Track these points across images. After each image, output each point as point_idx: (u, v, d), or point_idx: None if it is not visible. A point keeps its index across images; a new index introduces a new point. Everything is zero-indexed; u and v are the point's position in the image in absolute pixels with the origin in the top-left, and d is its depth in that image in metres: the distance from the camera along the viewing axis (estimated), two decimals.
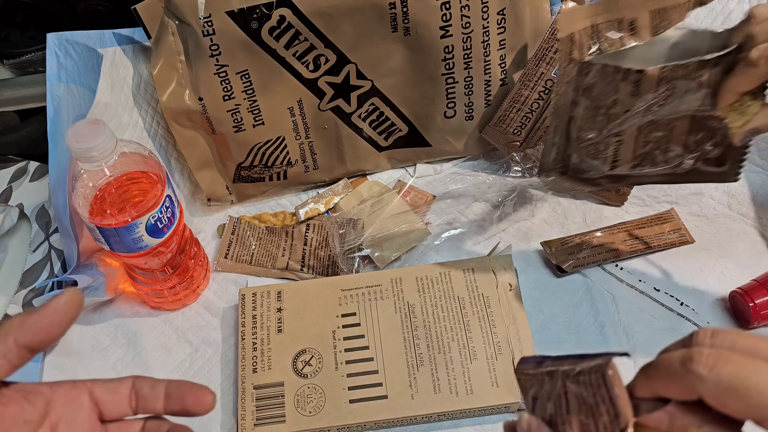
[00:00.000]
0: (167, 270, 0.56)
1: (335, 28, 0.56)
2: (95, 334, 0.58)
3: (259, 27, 0.55)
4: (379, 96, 0.62)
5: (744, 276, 0.57)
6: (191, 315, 0.60)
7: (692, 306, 0.57)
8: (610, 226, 0.62)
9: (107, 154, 0.47)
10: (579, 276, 0.60)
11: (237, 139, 0.62)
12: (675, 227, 0.61)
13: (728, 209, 0.63)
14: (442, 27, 0.57)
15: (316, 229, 0.64)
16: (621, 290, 0.59)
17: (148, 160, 0.51)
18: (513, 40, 0.60)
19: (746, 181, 0.64)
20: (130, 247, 0.51)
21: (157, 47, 0.55)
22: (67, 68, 0.56)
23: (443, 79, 0.61)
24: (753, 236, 0.61)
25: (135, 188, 0.51)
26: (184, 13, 0.53)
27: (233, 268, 0.63)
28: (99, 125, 0.46)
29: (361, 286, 0.57)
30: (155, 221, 0.51)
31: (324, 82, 0.60)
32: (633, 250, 0.59)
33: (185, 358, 0.57)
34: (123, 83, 0.57)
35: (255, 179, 0.66)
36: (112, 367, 0.57)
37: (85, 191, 0.49)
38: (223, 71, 0.57)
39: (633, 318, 0.57)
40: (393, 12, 0.56)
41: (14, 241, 0.62)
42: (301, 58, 0.58)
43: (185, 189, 0.65)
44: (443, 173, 0.68)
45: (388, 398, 0.51)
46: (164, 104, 0.57)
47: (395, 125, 0.65)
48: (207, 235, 0.66)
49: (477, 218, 0.65)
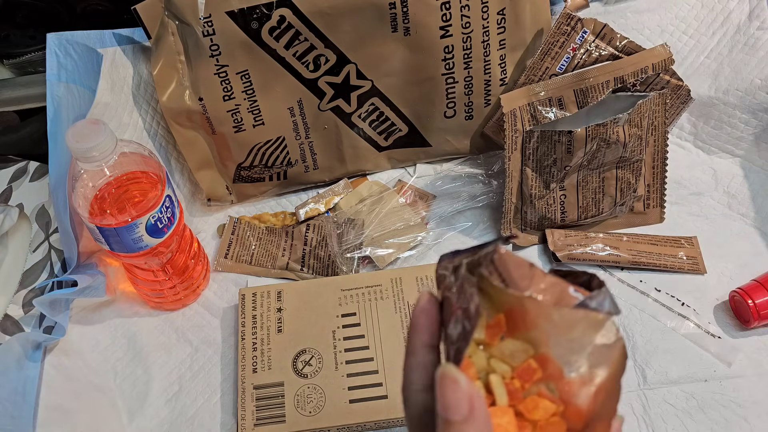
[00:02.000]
0: (167, 270, 0.56)
1: (335, 28, 0.56)
2: (95, 333, 0.58)
3: (259, 27, 0.55)
4: (379, 96, 0.62)
5: (744, 276, 0.57)
6: (191, 315, 0.60)
7: (693, 306, 0.57)
8: (620, 233, 0.62)
9: (107, 154, 0.47)
10: None
11: (237, 139, 0.62)
12: (691, 255, 0.60)
13: (728, 209, 0.63)
14: (442, 27, 0.57)
15: (316, 229, 0.64)
16: (622, 290, 0.59)
17: (148, 160, 0.51)
18: (513, 40, 0.60)
19: (746, 181, 0.64)
20: (130, 247, 0.51)
21: (157, 47, 0.55)
22: (67, 68, 0.56)
23: (443, 79, 0.61)
24: (753, 236, 0.61)
25: (135, 188, 0.51)
26: (184, 13, 0.53)
27: (233, 268, 0.63)
28: (99, 125, 0.46)
29: (361, 286, 0.57)
30: (155, 221, 0.50)
31: (324, 82, 0.60)
32: (635, 261, 0.59)
33: (185, 358, 0.57)
34: (123, 83, 0.57)
35: (255, 179, 0.66)
36: (111, 367, 0.57)
37: (85, 191, 0.49)
38: (223, 71, 0.57)
39: (633, 318, 0.57)
40: (393, 12, 0.56)
41: (14, 241, 0.62)
42: (301, 58, 0.58)
43: (185, 189, 0.65)
44: (443, 173, 0.68)
45: (388, 398, 0.51)
46: (164, 104, 0.57)
47: (395, 125, 0.65)
48: (207, 235, 0.65)
49: (477, 218, 0.65)
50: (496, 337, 0.28)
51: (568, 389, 0.27)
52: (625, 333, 0.56)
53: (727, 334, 0.56)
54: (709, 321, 0.56)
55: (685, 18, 0.62)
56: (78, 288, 0.55)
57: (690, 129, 0.66)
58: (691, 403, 0.52)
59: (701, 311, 0.57)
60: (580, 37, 0.58)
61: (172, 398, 0.55)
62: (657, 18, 0.62)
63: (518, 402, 0.27)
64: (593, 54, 0.58)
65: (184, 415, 0.54)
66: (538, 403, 0.27)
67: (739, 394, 0.53)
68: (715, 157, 0.66)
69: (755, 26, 0.60)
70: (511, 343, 0.27)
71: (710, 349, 0.55)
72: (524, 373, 0.27)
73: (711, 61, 0.62)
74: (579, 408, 0.27)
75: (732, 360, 0.54)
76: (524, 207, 0.61)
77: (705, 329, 0.56)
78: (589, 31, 0.57)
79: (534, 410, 0.27)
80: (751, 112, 0.62)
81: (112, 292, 0.59)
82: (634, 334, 0.56)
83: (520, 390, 0.27)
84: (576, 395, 0.27)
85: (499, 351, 0.28)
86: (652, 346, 0.55)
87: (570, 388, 0.27)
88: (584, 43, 0.58)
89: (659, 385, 0.53)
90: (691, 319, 0.56)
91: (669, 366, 0.54)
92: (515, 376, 0.27)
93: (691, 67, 0.63)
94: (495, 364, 0.27)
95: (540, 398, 0.27)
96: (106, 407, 0.55)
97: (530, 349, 0.27)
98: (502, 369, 0.27)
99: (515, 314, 0.28)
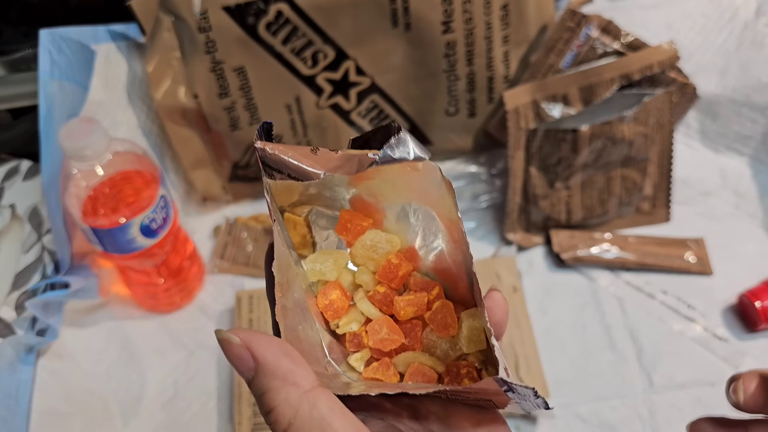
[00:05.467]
0: (162, 272, 0.55)
1: (334, 23, 0.55)
2: (89, 337, 0.57)
3: (256, 22, 0.54)
4: (379, 93, 0.61)
5: (752, 277, 0.56)
6: (186, 318, 0.59)
7: (700, 309, 0.56)
8: (626, 233, 0.61)
9: (100, 153, 0.46)
10: (584, 278, 0.59)
11: (233, 138, 0.61)
12: (698, 255, 0.59)
13: (736, 209, 0.62)
14: (443, 22, 0.56)
15: None
16: (627, 293, 0.58)
17: (142, 159, 0.50)
18: (516, 36, 0.59)
19: (754, 181, 0.63)
20: (124, 248, 0.50)
21: (152, 44, 0.55)
22: (60, 65, 0.55)
23: (445, 75, 0.60)
24: (761, 237, 0.60)
25: (129, 188, 0.50)
26: (180, 8, 0.53)
27: (229, 269, 0.62)
28: (92, 123, 0.46)
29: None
30: (149, 222, 0.50)
31: (323, 78, 0.59)
32: (642, 262, 0.58)
33: (180, 362, 0.56)
34: (117, 80, 0.56)
35: (251, 179, 0.65)
36: (105, 371, 0.56)
37: (78, 191, 0.48)
38: (219, 68, 0.56)
39: (640, 320, 0.56)
40: (393, 7, 0.55)
41: (6, 242, 0.61)
42: (299, 54, 0.57)
43: (180, 188, 0.64)
44: (445, 171, 0.67)
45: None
46: (159, 102, 0.56)
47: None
48: (202, 236, 0.64)
49: (480, 218, 0.64)
50: (352, 235, 0.28)
51: (423, 261, 0.28)
52: (631, 336, 0.55)
53: (735, 337, 0.55)
54: (717, 324, 0.56)
55: (692, 14, 0.61)
56: (71, 290, 0.54)
57: (697, 127, 0.65)
58: (698, 408, 0.51)
59: (708, 314, 0.56)
60: (585, 33, 0.56)
61: (167, 403, 0.54)
62: (663, 14, 0.61)
63: (389, 309, 0.27)
64: (598, 50, 0.57)
65: (179, 420, 0.53)
66: (402, 305, 0.27)
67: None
68: (723, 156, 0.65)
69: (762, 23, 0.60)
70: (368, 235, 0.28)
71: (717, 352, 0.54)
72: (385, 275, 0.27)
73: (718, 58, 0.61)
74: (441, 268, 0.28)
75: (740, 363, 0.53)
76: (528, 207, 0.60)
77: (712, 332, 0.55)
78: (593, 27, 0.56)
79: (402, 312, 0.27)
80: (758, 110, 0.61)
81: (105, 294, 0.58)
82: (640, 338, 0.55)
83: (390, 294, 0.27)
84: (425, 258, 0.28)
85: (362, 249, 0.28)
86: (659, 350, 0.54)
87: (423, 256, 0.28)
88: (589, 40, 0.57)
89: (666, 389, 0.52)
90: (698, 321, 0.56)
91: (676, 370, 0.53)
92: (379, 281, 0.28)
93: (697, 65, 0.62)
94: (359, 276, 0.28)
95: (401, 299, 0.27)
96: (100, 412, 0.54)
97: (383, 238, 0.28)
98: (364, 280, 0.28)
99: (354, 203, 0.28)
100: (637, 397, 0.52)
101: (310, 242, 0.28)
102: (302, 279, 0.27)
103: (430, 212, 0.27)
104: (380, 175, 0.26)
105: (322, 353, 0.27)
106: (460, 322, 0.27)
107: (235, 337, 0.22)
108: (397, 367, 0.27)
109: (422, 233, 0.28)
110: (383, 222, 0.28)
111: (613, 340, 0.55)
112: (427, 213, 0.27)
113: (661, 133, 0.59)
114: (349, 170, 0.25)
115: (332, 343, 0.28)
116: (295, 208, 0.28)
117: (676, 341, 0.55)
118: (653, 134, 0.58)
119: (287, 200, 0.28)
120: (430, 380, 0.26)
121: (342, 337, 0.28)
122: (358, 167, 0.24)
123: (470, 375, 0.26)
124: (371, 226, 0.28)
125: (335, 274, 0.28)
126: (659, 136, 0.59)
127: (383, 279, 0.27)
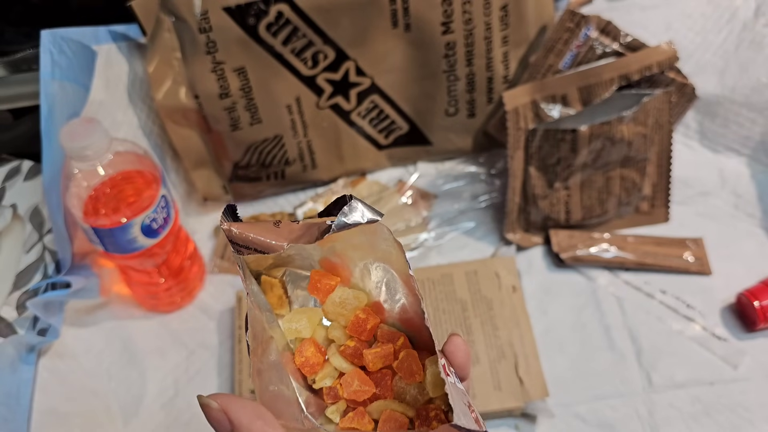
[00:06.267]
0: (162, 271, 0.55)
1: (334, 23, 0.55)
2: (89, 336, 0.57)
3: (257, 23, 0.54)
4: (378, 93, 0.62)
5: (751, 277, 0.56)
6: (187, 318, 0.59)
7: (699, 308, 0.56)
8: (625, 233, 0.61)
9: (101, 153, 0.46)
10: (583, 278, 0.59)
11: (234, 138, 0.61)
12: (697, 255, 0.59)
13: (735, 209, 0.62)
14: (443, 23, 0.56)
15: None
16: (627, 292, 0.58)
17: (143, 159, 0.50)
18: (516, 36, 0.59)
19: (753, 181, 0.63)
20: (125, 248, 0.50)
21: (153, 44, 0.55)
22: (61, 66, 0.55)
23: (444, 75, 0.60)
24: (760, 237, 0.60)
25: (130, 188, 0.50)
26: (181, 9, 0.53)
27: (230, 269, 0.62)
28: (93, 123, 0.46)
29: None
30: (150, 222, 0.50)
31: (323, 79, 0.59)
32: (641, 262, 0.58)
33: (181, 361, 0.56)
34: (118, 81, 0.56)
35: (252, 179, 0.65)
36: (106, 370, 0.56)
37: (79, 191, 0.48)
38: (219, 68, 0.56)
39: (639, 320, 0.56)
40: (393, 7, 0.55)
41: (8, 242, 0.61)
42: (300, 54, 0.57)
43: (181, 188, 0.64)
44: (445, 172, 0.67)
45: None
46: (159, 102, 0.56)
47: (395, 123, 0.64)
48: (203, 236, 0.65)
49: (480, 219, 0.64)
50: (323, 293, 0.29)
51: (389, 313, 0.29)
52: (630, 336, 0.55)
53: (734, 337, 0.55)
54: (716, 323, 0.56)
55: (691, 15, 0.61)
56: (72, 290, 0.54)
57: (696, 128, 0.65)
58: (697, 407, 0.51)
59: (707, 313, 0.56)
60: (584, 33, 0.57)
61: (167, 402, 0.54)
62: (662, 14, 0.61)
63: (360, 362, 0.29)
64: (597, 51, 0.57)
65: (179, 420, 0.53)
66: (370, 358, 0.28)
67: (746, 397, 0.52)
68: (722, 157, 0.65)
69: (762, 23, 0.60)
70: (336, 293, 0.29)
71: (716, 351, 0.54)
72: (354, 329, 0.29)
73: (717, 58, 0.61)
74: (405, 318, 0.29)
75: (738, 363, 0.53)
76: (528, 207, 0.60)
77: (711, 332, 0.55)
78: (593, 28, 0.57)
79: (371, 364, 0.28)
80: (757, 110, 0.61)
81: (106, 293, 0.59)
82: (639, 337, 0.55)
83: (360, 347, 0.29)
84: (391, 311, 0.29)
85: (333, 306, 0.29)
86: (658, 350, 0.54)
87: (388, 308, 0.30)
88: (588, 40, 0.57)
89: (665, 388, 0.52)
90: (697, 321, 0.56)
91: (675, 369, 0.53)
92: (350, 335, 0.29)
93: (697, 65, 0.62)
94: (331, 331, 0.30)
95: (369, 352, 0.28)
96: (101, 411, 0.54)
97: (351, 294, 0.29)
98: (336, 335, 0.29)
99: (323, 263, 0.30)
100: (637, 397, 0.52)
101: (286, 302, 0.30)
102: (280, 338, 0.29)
103: (389, 269, 0.29)
104: (341, 238, 0.28)
105: (299, 409, 0.28)
106: (425, 369, 0.28)
107: (214, 402, 0.25)
108: (371, 415, 0.28)
109: (385, 288, 0.30)
110: (350, 279, 0.30)
111: (613, 339, 0.55)
112: (386, 270, 0.29)
113: (660, 134, 0.59)
114: (310, 238, 0.26)
115: (309, 398, 0.29)
116: (271, 270, 0.30)
117: (675, 341, 0.55)
118: (652, 134, 0.58)
119: (263, 264, 0.30)
120: (401, 425, 0.28)
121: (320, 391, 0.30)
122: (318, 235, 0.26)
123: (438, 417, 0.28)
124: (339, 283, 0.29)
125: (310, 332, 0.30)
126: (658, 136, 0.59)
127: (353, 333, 0.29)
